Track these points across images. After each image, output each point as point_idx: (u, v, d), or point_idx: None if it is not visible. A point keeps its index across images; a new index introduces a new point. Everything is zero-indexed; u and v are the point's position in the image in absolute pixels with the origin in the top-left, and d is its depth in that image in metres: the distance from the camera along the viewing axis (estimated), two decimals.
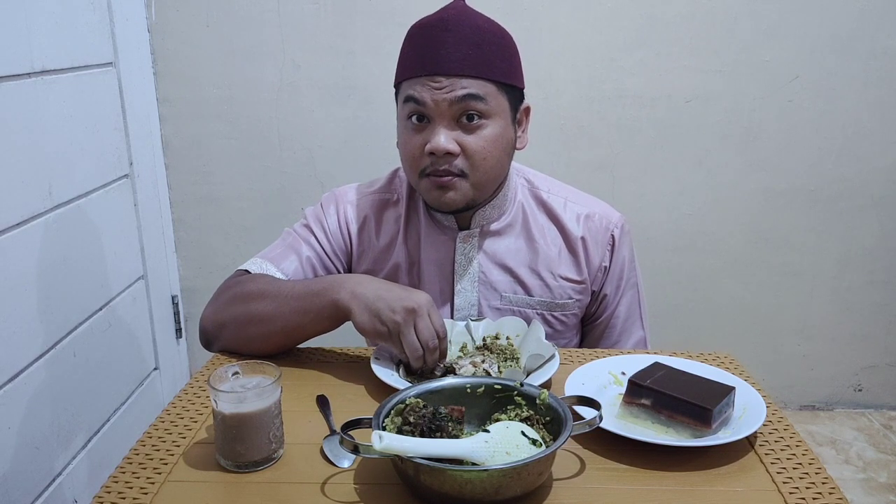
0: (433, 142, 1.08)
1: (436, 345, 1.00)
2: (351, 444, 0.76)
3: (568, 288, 1.23)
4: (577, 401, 0.87)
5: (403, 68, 1.13)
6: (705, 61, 2.06)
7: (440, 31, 1.09)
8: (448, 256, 1.22)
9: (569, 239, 1.23)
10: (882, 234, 2.20)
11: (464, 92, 1.07)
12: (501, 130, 1.12)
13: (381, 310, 1.00)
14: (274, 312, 1.07)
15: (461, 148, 1.09)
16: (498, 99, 1.10)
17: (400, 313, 0.99)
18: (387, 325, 0.99)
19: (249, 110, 2.10)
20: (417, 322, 0.99)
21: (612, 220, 1.25)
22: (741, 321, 2.28)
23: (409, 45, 1.13)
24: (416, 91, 1.09)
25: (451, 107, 1.08)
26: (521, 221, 1.23)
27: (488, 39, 1.10)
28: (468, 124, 1.09)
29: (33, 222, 1.51)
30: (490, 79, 1.09)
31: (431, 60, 1.08)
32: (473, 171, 1.11)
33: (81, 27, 1.70)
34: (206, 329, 1.14)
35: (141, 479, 0.82)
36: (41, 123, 1.53)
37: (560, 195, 1.25)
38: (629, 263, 1.27)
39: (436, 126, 1.09)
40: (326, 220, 1.25)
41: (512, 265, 1.22)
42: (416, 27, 1.14)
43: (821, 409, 2.36)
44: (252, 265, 1.19)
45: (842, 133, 2.12)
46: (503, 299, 1.22)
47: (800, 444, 0.90)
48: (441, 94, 1.07)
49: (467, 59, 1.07)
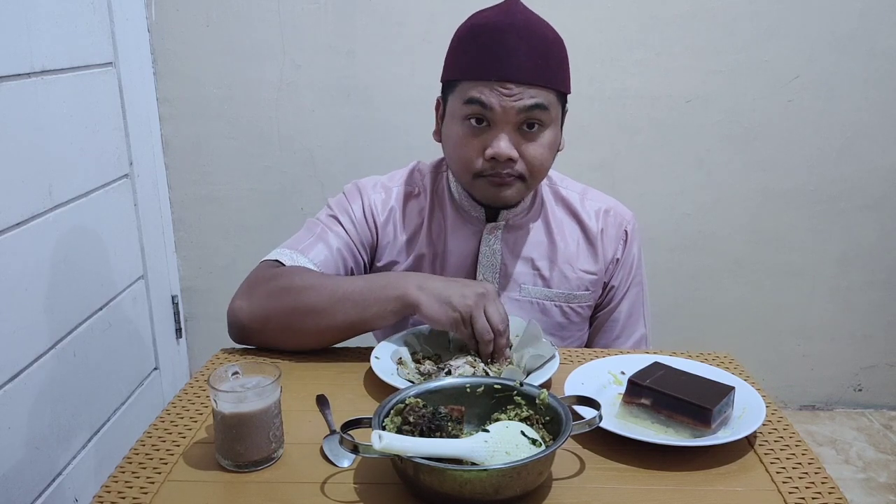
0: (496, 147, 1.09)
1: (506, 327, 1.03)
2: (351, 444, 0.76)
3: (585, 280, 1.26)
4: (577, 400, 0.87)
5: (466, 68, 1.11)
6: (705, 61, 2.06)
7: (511, 36, 1.07)
8: (472, 248, 1.23)
9: (587, 232, 1.26)
10: (882, 234, 2.20)
11: (532, 101, 1.08)
12: (555, 137, 1.15)
13: (451, 297, 1.03)
14: (331, 306, 1.07)
15: (520, 153, 1.11)
16: (556, 107, 1.12)
17: (471, 298, 1.02)
18: (459, 311, 1.02)
19: (249, 110, 2.10)
20: (488, 307, 1.02)
21: (625, 217, 1.29)
22: (741, 321, 2.28)
23: (473, 44, 1.10)
24: (485, 95, 1.08)
25: (518, 115, 1.08)
26: (542, 215, 1.26)
27: (553, 48, 1.11)
28: (528, 131, 1.10)
29: (33, 222, 1.51)
30: (553, 88, 1.11)
31: (503, 66, 1.07)
32: (531, 175, 1.13)
33: (81, 27, 1.70)
34: (242, 323, 1.12)
35: (141, 479, 0.82)
36: (41, 123, 1.53)
37: (576, 190, 1.29)
38: (637, 260, 1.30)
39: (499, 132, 1.09)
40: (353, 210, 1.25)
41: (533, 257, 1.24)
42: (479, 26, 1.11)
43: (821, 409, 2.36)
44: (282, 256, 1.18)
45: (842, 133, 2.12)
46: (522, 291, 1.24)
47: (799, 443, 0.90)
48: (510, 101, 1.07)
49: (538, 69, 1.08)
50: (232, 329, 1.14)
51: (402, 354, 1.10)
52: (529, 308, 1.24)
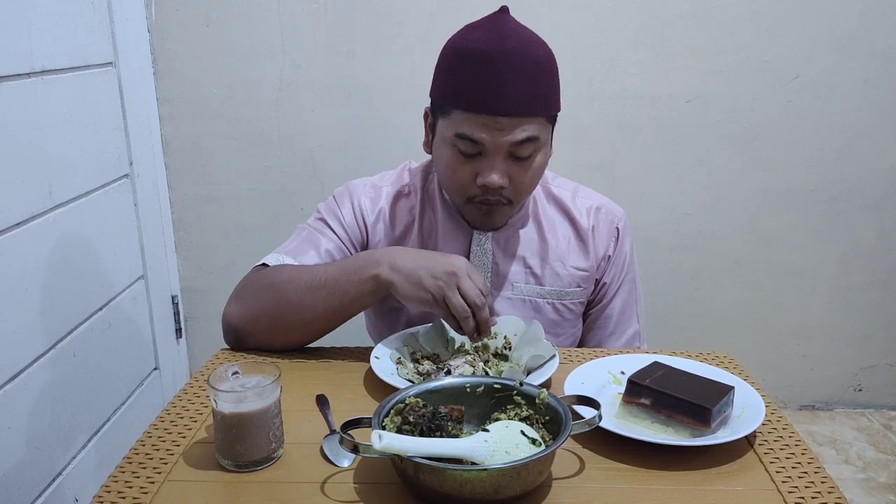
0: (487, 178, 1.09)
1: (483, 301, 1.02)
2: (351, 444, 0.76)
3: (577, 277, 1.26)
4: (577, 400, 0.87)
5: (456, 97, 1.08)
6: (705, 61, 2.06)
7: (503, 66, 1.04)
8: (463, 248, 1.23)
9: (579, 229, 1.27)
10: (882, 234, 2.20)
11: (524, 135, 1.07)
12: (546, 157, 1.15)
13: (422, 278, 1.02)
14: (311, 297, 1.07)
15: (510, 178, 1.11)
16: (546, 130, 1.12)
17: (441, 278, 1.01)
18: (431, 292, 1.01)
19: (249, 110, 2.10)
20: (460, 283, 1.01)
21: (616, 214, 1.30)
22: (741, 321, 2.28)
23: (464, 71, 1.07)
24: (475, 131, 1.06)
25: (510, 146, 1.08)
26: (533, 214, 1.26)
27: (544, 71, 1.08)
28: (519, 156, 1.10)
29: (33, 222, 1.51)
30: (545, 114, 1.10)
31: (493, 101, 1.04)
32: (518, 197, 1.14)
33: (81, 27, 1.70)
34: (235, 326, 1.13)
35: (141, 479, 0.83)
36: (41, 123, 1.53)
37: (568, 189, 1.30)
38: (630, 257, 1.31)
39: (491, 161, 1.09)
40: (342, 213, 1.25)
41: (525, 255, 1.25)
42: (469, 52, 1.07)
43: (821, 409, 2.36)
44: (270, 260, 1.18)
45: (842, 133, 2.12)
46: (514, 289, 1.25)
47: (799, 443, 0.91)
48: (501, 135, 1.06)
49: (530, 99, 1.06)
50: (226, 335, 1.16)
51: (402, 354, 1.10)
52: (522, 306, 1.24)
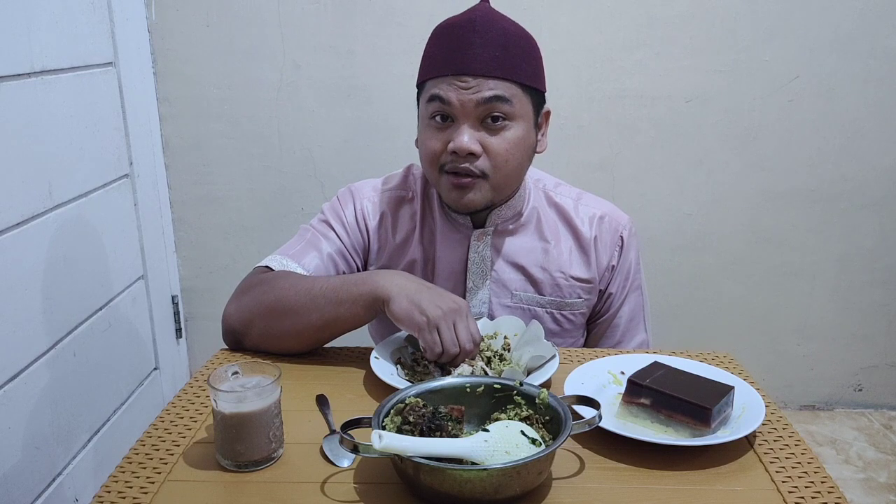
0: (457, 141, 1.09)
1: (472, 349, 1.01)
2: (350, 444, 0.76)
3: (577, 287, 1.24)
4: (577, 400, 0.87)
5: (429, 67, 1.13)
6: (705, 61, 2.06)
7: (468, 31, 1.08)
8: (462, 254, 1.22)
9: (580, 239, 1.25)
10: (882, 234, 2.20)
11: (490, 93, 1.07)
12: (524, 133, 1.12)
13: (422, 301, 1.01)
14: (307, 305, 1.07)
15: (484, 149, 1.10)
16: (522, 101, 1.11)
17: (443, 309, 1.00)
18: (426, 316, 1.00)
19: (249, 110, 2.10)
20: (458, 322, 1.00)
21: (621, 223, 1.27)
22: (741, 321, 2.28)
23: (436, 44, 1.12)
24: (443, 90, 1.09)
25: (477, 108, 1.08)
26: (534, 221, 1.25)
27: (515, 42, 1.10)
28: (492, 125, 1.10)
29: (33, 222, 1.51)
30: (516, 81, 1.09)
31: (459, 60, 1.08)
32: (495, 172, 1.12)
33: (81, 27, 1.70)
34: (232, 327, 1.13)
35: (141, 479, 0.83)
36: (41, 123, 1.53)
37: (570, 196, 1.27)
38: (635, 265, 1.28)
39: (460, 126, 1.09)
40: (345, 215, 1.25)
41: (524, 264, 1.23)
42: (442, 27, 1.13)
43: (821, 409, 2.36)
44: (272, 262, 1.18)
45: (842, 133, 2.12)
46: (514, 297, 1.23)
47: (799, 443, 0.91)
48: (468, 94, 1.07)
49: (495, 60, 1.07)
50: (226, 335, 1.16)
51: (402, 354, 1.10)
52: (521, 314, 1.23)
